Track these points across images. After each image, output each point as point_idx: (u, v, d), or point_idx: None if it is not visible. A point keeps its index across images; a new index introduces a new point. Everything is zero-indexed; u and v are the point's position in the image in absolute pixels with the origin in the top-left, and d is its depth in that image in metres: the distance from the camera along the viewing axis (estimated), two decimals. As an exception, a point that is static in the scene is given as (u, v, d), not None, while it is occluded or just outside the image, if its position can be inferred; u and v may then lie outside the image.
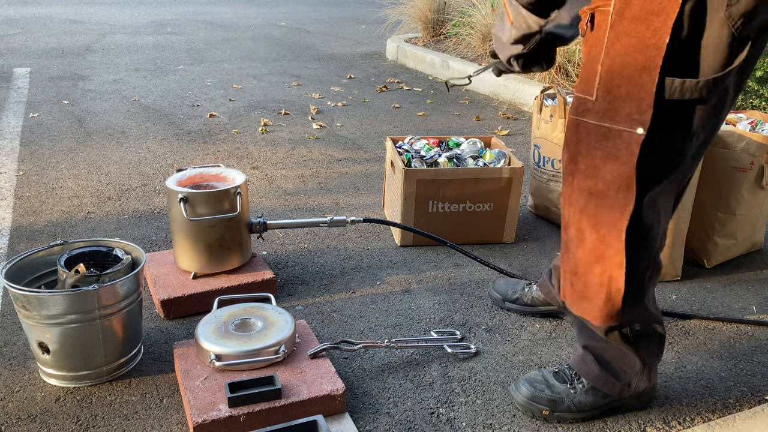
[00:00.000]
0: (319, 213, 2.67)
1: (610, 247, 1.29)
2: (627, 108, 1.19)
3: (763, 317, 2.00)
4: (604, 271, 1.32)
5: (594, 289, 1.35)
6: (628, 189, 1.23)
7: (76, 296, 1.50)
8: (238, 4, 10.19)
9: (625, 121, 1.20)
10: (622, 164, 1.22)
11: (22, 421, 1.49)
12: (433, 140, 2.62)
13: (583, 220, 1.32)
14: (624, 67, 1.17)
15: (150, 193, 2.81)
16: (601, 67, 1.21)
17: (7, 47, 5.95)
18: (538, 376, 1.56)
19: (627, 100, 1.19)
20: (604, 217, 1.28)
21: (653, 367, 1.48)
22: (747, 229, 2.30)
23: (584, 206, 1.31)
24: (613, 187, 1.25)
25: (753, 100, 3.60)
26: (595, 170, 1.27)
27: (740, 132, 2.13)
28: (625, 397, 1.51)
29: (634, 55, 1.16)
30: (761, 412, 1.55)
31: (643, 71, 1.15)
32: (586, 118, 1.27)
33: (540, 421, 1.53)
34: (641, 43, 1.14)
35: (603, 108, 1.23)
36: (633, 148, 1.20)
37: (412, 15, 6.39)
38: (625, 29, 1.16)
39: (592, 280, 1.35)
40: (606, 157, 1.24)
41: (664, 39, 1.12)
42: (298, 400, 1.46)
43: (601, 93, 1.22)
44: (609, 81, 1.20)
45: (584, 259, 1.35)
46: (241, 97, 4.50)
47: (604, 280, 1.33)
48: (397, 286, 2.12)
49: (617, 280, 1.31)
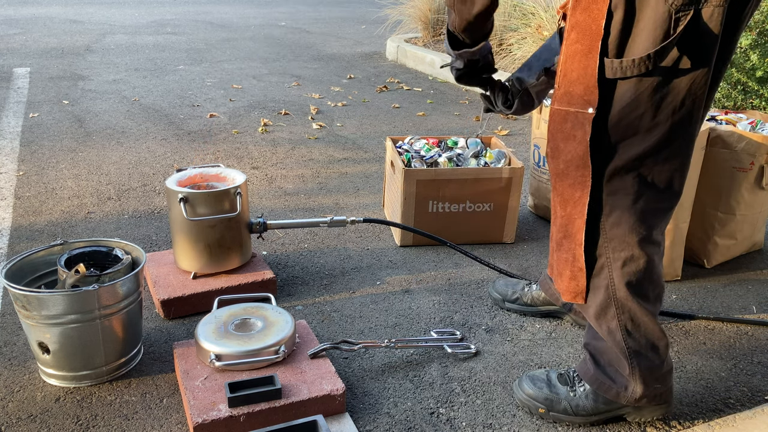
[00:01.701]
0: (319, 213, 2.67)
1: (573, 224, 1.37)
2: (578, 90, 1.28)
3: (763, 317, 2.00)
4: (569, 248, 1.40)
5: (562, 265, 1.43)
6: (585, 166, 1.31)
7: (76, 296, 1.50)
8: (238, 4, 10.19)
9: (578, 103, 1.29)
10: (578, 143, 1.31)
11: (22, 421, 1.49)
12: (433, 140, 2.62)
13: (555, 199, 1.41)
14: (575, 54, 1.27)
15: (150, 193, 2.81)
16: (561, 56, 1.31)
17: (7, 47, 5.95)
18: (542, 375, 1.57)
19: (577, 83, 1.28)
20: (568, 195, 1.37)
21: (650, 373, 1.44)
22: (747, 229, 2.30)
23: (555, 186, 1.41)
24: (572, 165, 1.33)
25: (753, 100, 3.60)
26: (557, 151, 1.37)
27: (740, 132, 2.13)
28: (623, 404, 1.48)
29: (582, 41, 1.26)
30: (761, 412, 1.55)
31: (587, 55, 1.25)
32: (555, 105, 1.36)
33: (538, 419, 1.53)
34: (585, 30, 1.25)
35: (561, 93, 1.33)
36: (586, 127, 1.29)
37: (412, 15, 6.39)
38: (576, 20, 1.26)
39: (561, 256, 1.43)
40: (566, 138, 1.33)
41: (600, 23, 1.22)
42: (298, 400, 1.46)
43: (560, 80, 1.32)
44: (564, 68, 1.31)
45: (556, 235, 1.44)
46: (241, 97, 4.51)
47: (569, 257, 1.41)
48: (397, 286, 2.12)
49: (578, 258, 1.39)
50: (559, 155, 1.36)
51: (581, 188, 1.33)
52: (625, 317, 1.40)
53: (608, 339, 1.44)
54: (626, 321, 1.40)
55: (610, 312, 1.40)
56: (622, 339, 1.41)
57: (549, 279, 1.88)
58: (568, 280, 1.43)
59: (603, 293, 1.40)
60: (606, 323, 1.42)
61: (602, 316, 1.42)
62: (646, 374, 1.44)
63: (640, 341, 1.42)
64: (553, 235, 1.47)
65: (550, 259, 1.53)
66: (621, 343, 1.42)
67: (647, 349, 1.43)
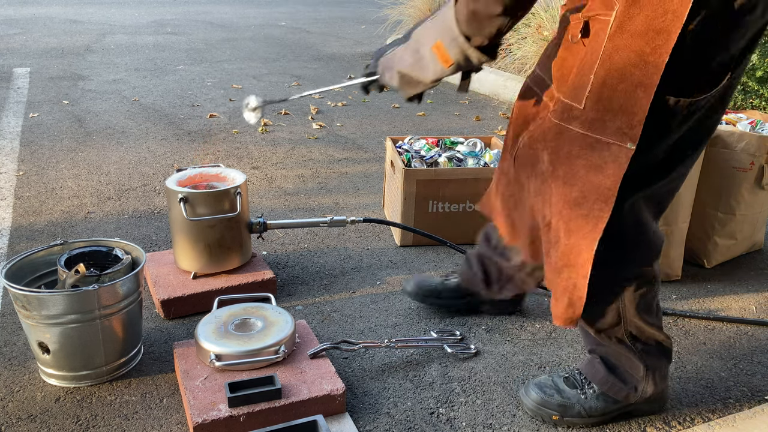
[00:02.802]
0: (319, 213, 2.67)
1: (579, 255, 1.29)
2: (618, 121, 1.17)
3: (763, 317, 2.00)
4: (570, 277, 1.33)
5: (560, 291, 1.37)
6: (606, 201, 1.22)
7: (76, 296, 1.50)
8: (238, 4, 10.19)
9: (614, 134, 1.18)
10: (607, 177, 1.21)
11: (22, 421, 1.49)
12: (433, 140, 2.62)
13: (559, 224, 1.32)
14: (620, 81, 1.15)
15: (150, 193, 2.81)
16: (594, 77, 1.19)
17: (7, 47, 5.95)
18: (548, 381, 1.55)
19: (619, 113, 1.17)
20: (576, 226, 1.28)
21: (659, 372, 1.47)
22: (747, 229, 2.30)
23: (560, 211, 1.31)
24: (590, 197, 1.24)
25: (753, 100, 3.60)
26: (574, 178, 1.26)
27: (740, 132, 2.13)
28: (632, 403, 1.50)
29: (632, 70, 1.14)
30: (761, 412, 1.55)
31: (638, 87, 1.14)
32: (572, 126, 1.25)
33: (549, 423, 1.52)
34: (640, 59, 1.12)
35: (591, 118, 1.21)
36: (621, 162, 1.19)
37: (412, 15, 6.38)
38: (625, 43, 1.13)
39: (559, 283, 1.36)
40: (590, 168, 1.23)
41: (664, 58, 1.10)
42: (298, 400, 1.46)
43: (590, 103, 1.20)
44: (601, 92, 1.18)
45: (556, 261, 1.36)
46: (241, 97, 4.50)
47: (569, 285, 1.33)
48: (397, 286, 2.12)
49: (580, 288, 1.31)
50: (575, 182, 1.25)
51: (595, 222, 1.24)
52: (632, 328, 1.42)
53: (617, 347, 1.45)
54: (633, 330, 1.42)
55: (617, 329, 1.42)
56: (632, 345, 1.43)
57: (470, 270, 1.84)
58: (565, 307, 1.36)
59: (611, 315, 1.40)
60: (613, 335, 1.43)
61: (609, 332, 1.43)
62: (657, 374, 1.46)
63: (648, 344, 1.44)
64: (551, 258, 1.38)
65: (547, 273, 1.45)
66: (631, 348, 1.43)
67: (657, 352, 1.45)
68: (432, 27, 1.29)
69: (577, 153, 1.24)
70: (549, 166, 1.32)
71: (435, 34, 1.27)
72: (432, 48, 1.27)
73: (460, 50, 1.24)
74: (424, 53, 1.30)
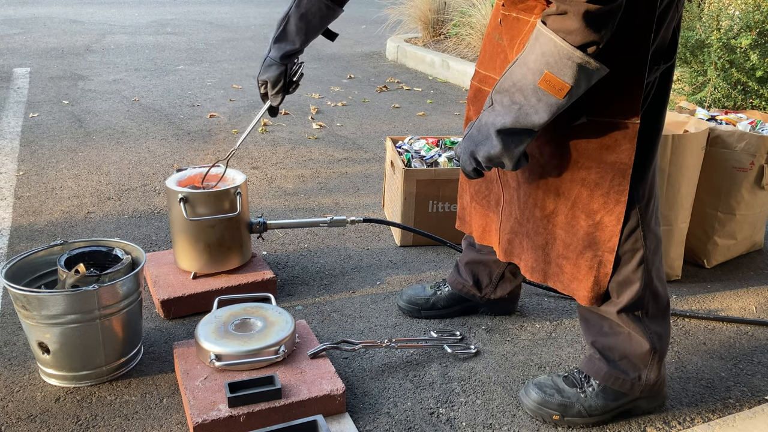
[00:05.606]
0: (319, 213, 2.67)
1: (604, 231, 1.36)
2: (621, 104, 1.28)
3: (763, 317, 2.00)
4: (596, 255, 1.39)
5: (584, 272, 1.41)
6: (625, 175, 1.31)
7: (76, 296, 1.50)
8: (238, 4, 10.19)
9: (620, 114, 1.28)
10: (621, 153, 1.29)
11: (22, 421, 1.49)
12: (433, 140, 2.62)
13: (576, 208, 1.38)
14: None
15: (150, 193, 2.81)
16: None
17: (7, 47, 5.95)
18: (547, 381, 1.55)
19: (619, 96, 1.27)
20: (600, 205, 1.35)
21: (662, 352, 1.48)
22: (747, 229, 2.30)
23: (577, 195, 1.36)
24: (608, 175, 1.32)
25: (753, 100, 3.60)
26: (588, 161, 1.33)
27: (740, 132, 2.13)
28: (636, 395, 1.50)
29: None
30: (761, 412, 1.55)
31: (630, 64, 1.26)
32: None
33: (549, 423, 1.52)
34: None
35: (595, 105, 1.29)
36: (632, 137, 1.28)
37: (412, 15, 6.39)
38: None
39: (583, 263, 1.41)
40: (603, 149, 1.31)
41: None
42: (298, 400, 1.46)
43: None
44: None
45: (576, 245, 1.40)
46: (241, 97, 4.51)
47: (594, 264, 1.39)
48: (397, 286, 2.12)
49: (606, 264, 1.38)
50: (590, 165, 1.33)
51: (617, 195, 1.32)
52: (651, 299, 1.44)
53: (632, 328, 1.45)
54: (650, 302, 1.44)
55: (641, 303, 1.43)
56: (644, 324, 1.45)
57: (460, 277, 1.89)
58: (591, 286, 1.41)
59: (638, 287, 1.41)
60: (633, 313, 1.44)
61: (632, 309, 1.43)
62: (662, 356, 1.48)
63: (657, 318, 1.46)
64: (570, 244, 1.41)
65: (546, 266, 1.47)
66: (643, 327, 1.45)
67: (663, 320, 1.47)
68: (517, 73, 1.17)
69: (586, 138, 1.31)
70: (551, 159, 1.37)
71: (530, 73, 1.14)
72: (538, 84, 1.14)
73: (576, 67, 1.10)
74: (519, 99, 1.17)
